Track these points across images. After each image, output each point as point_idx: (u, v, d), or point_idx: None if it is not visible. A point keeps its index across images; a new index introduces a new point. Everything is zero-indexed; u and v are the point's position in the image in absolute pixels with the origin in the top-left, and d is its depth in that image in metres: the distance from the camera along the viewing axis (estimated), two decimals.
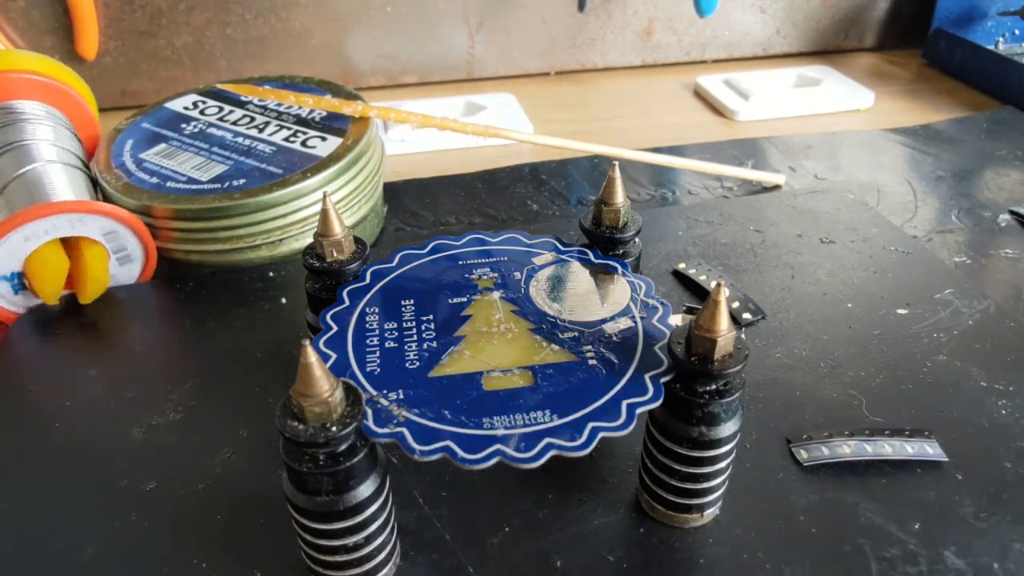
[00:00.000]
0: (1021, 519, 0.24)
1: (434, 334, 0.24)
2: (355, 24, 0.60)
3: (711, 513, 0.24)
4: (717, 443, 0.22)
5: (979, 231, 0.41)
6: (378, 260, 0.27)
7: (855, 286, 0.35)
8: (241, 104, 0.44)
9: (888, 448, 0.26)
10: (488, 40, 0.63)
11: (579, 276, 0.26)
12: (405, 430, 0.20)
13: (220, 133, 0.41)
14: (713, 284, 0.26)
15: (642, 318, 0.24)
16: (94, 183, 0.39)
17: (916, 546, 0.23)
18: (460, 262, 0.27)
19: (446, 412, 0.21)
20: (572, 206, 0.45)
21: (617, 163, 0.27)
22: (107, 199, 0.38)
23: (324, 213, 0.25)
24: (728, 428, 0.22)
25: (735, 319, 0.33)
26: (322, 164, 0.37)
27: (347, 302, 0.25)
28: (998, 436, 0.27)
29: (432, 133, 0.52)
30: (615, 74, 0.66)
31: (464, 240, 0.28)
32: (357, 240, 0.27)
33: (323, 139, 0.39)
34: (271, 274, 0.37)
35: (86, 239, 0.34)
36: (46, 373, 0.31)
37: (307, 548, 0.21)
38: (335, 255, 0.26)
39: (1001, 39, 0.64)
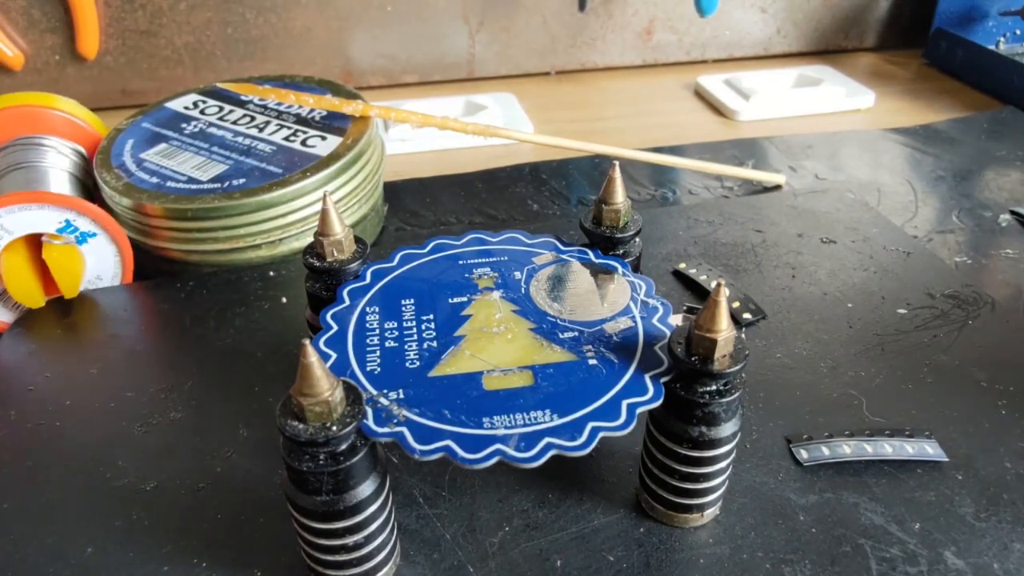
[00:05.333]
0: (1021, 519, 0.24)
1: (434, 334, 0.24)
2: (355, 23, 0.60)
3: (711, 513, 0.24)
4: (717, 443, 0.22)
5: (980, 231, 0.41)
6: (378, 259, 0.27)
7: (855, 286, 0.35)
8: (241, 103, 0.44)
9: (888, 448, 0.26)
10: (488, 40, 0.63)
11: (579, 276, 0.26)
12: (405, 430, 0.20)
13: (220, 133, 0.41)
14: (713, 284, 0.26)
15: (642, 318, 0.24)
16: (94, 184, 0.39)
17: (916, 546, 0.23)
18: (460, 262, 0.27)
19: (446, 412, 0.21)
20: (572, 206, 0.45)
21: (617, 163, 0.27)
22: (106, 199, 0.38)
23: (324, 212, 0.25)
24: (728, 428, 0.22)
25: (735, 319, 0.33)
26: (322, 163, 0.37)
27: (347, 301, 0.25)
28: (998, 436, 0.27)
29: (432, 133, 0.52)
30: (615, 74, 0.66)
31: (464, 240, 0.28)
32: (357, 239, 0.27)
33: (323, 138, 0.39)
34: (271, 274, 0.37)
35: (49, 237, 0.34)
36: (46, 372, 0.31)
37: (307, 548, 0.21)
38: (335, 254, 0.26)
39: (1002, 39, 0.64)
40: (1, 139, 0.40)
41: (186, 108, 0.44)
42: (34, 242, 0.35)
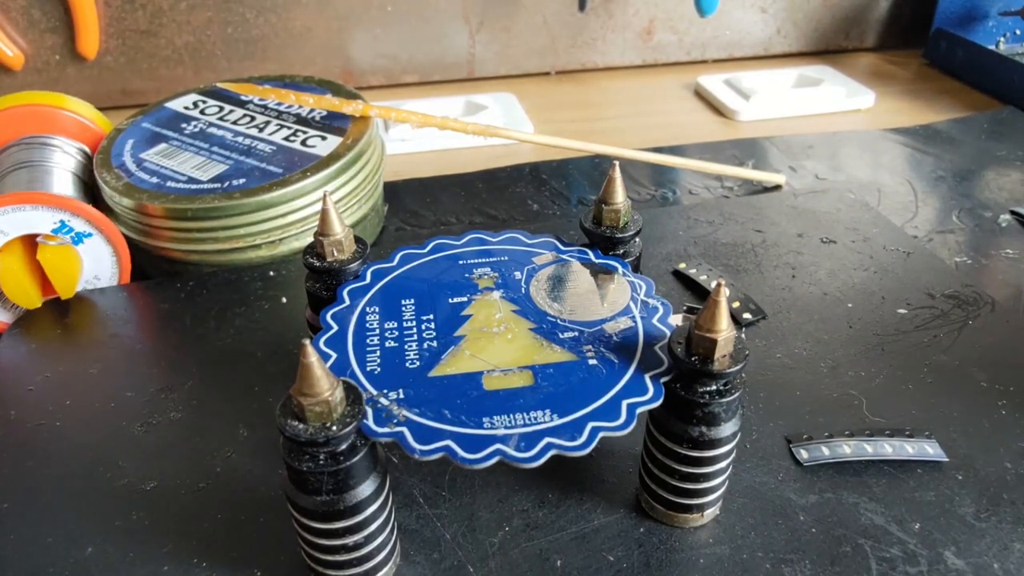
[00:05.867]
0: (1021, 519, 0.24)
1: (434, 333, 0.24)
2: (356, 23, 0.60)
3: (711, 513, 0.24)
4: (717, 443, 0.22)
5: (980, 231, 0.41)
6: (378, 259, 0.27)
7: (855, 286, 0.35)
8: (241, 103, 0.44)
9: (888, 448, 0.26)
10: (489, 40, 0.63)
11: (579, 276, 0.26)
12: (405, 430, 0.20)
13: (220, 133, 0.41)
14: (713, 284, 0.26)
15: (642, 318, 0.24)
16: (93, 184, 0.39)
17: (916, 546, 0.23)
18: (460, 262, 0.27)
19: (446, 412, 0.21)
20: (572, 206, 0.45)
21: (617, 163, 0.27)
22: (106, 199, 0.38)
23: (324, 212, 0.25)
24: (728, 428, 0.22)
25: (735, 319, 0.33)
26: (322, 163, 0.37)
27: (347, 301, 0.25)
28: (998, 436, 0.27)
29: (432, 133, 0.52)
30: (615, 74, 0.66)
31: (464, 240, 0.28)
32: (357, 239, 0.27)
33: (323, 138, 0.39)
34: (271, 273, 0.37)
35: (44, 238, 0.34)
36: (46, 372, 0.31)
37: (307, 548, 0.21)
38: (335, 254, 0.26)
39: (1002, 39, 0.64)
40: (8, 137, 0.40)
41: (186, 108, 0.44)
42: (30, 243, 0.35)
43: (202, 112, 0.43)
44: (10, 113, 0.40)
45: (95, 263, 0.36)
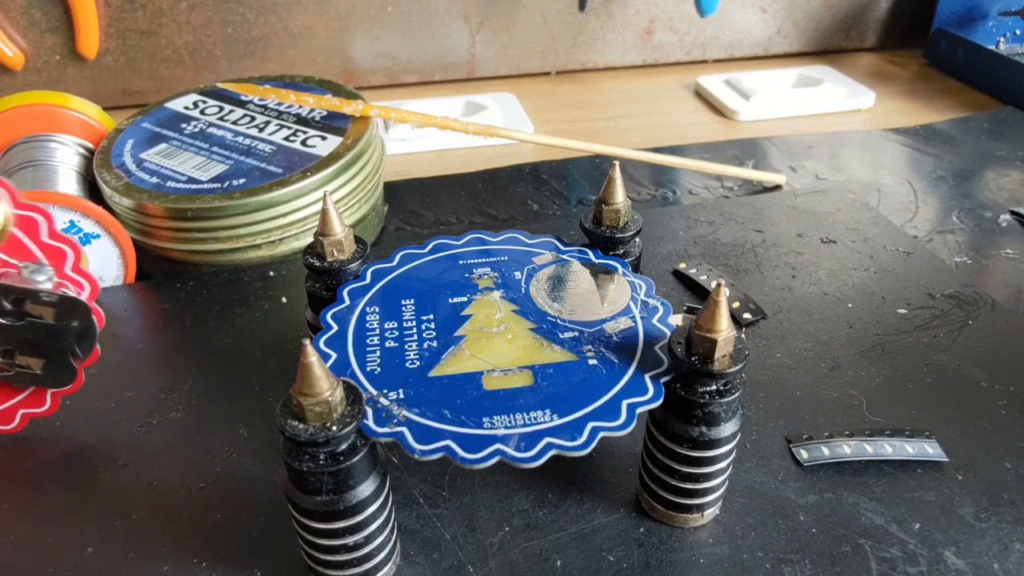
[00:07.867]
0: (1021, 519, 0.24)
1: (434, 333, 0.24)
2: (356, 23, 0.60)
3: (711, 513, 0.24)
4: (717, 443, 0.22)
5: (980, 231, 0.41)
6: (378, 259, 0.27)
7: (855, 286, 0.35)
8: (241, 103, 0.44)
9: (888, 448, 0.26)
10: (489, 40, 0.63)
11: (579, 276, 0.26)
12: (405, 429, 0.20)
13: (220, 133, 0.41)
14: (713, 284, 0.26)
15: (642, 318, 0.24)
16: (94, 183, 0.39)
17: (916, 546, 0.23)
18: (460, 262, 0.27)
19: (446, 412, 0.21)
20: (572, 206, 0.45)
21: (617, 163, 0.27)
22: (107, 199, 0.38)
23: (324, 212, 0.25)
24: (728, 428, 0.22)
25: (735, 319, 0.33)
26: (322, 163, 0.37)
27: (347, 301, 0.25)
28: (998, 436, 0.27)
29: (433, 133, 0.52)
30: (616, 74, 0.66)
31: (464, 240, 0.28)
32: (357, 239, 0.27)
33: (323, 138, 0.39)
34: (271, 273, 0.37)
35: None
36: None
37: (307, 548, 0.22)
38: (335, 254, 0.26)
39: (1002, 39, 0.64)
40: (13, 137, 0.40)
41: (186, 108, 0.44)
42: None
43: (202, 112, 0.43)
44: (14, 113, 0.40)
45: (101, 264, 0.36)
